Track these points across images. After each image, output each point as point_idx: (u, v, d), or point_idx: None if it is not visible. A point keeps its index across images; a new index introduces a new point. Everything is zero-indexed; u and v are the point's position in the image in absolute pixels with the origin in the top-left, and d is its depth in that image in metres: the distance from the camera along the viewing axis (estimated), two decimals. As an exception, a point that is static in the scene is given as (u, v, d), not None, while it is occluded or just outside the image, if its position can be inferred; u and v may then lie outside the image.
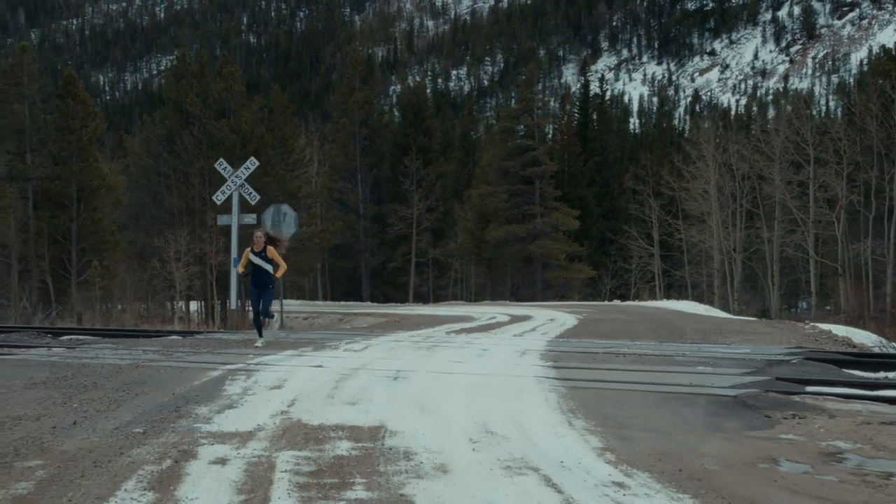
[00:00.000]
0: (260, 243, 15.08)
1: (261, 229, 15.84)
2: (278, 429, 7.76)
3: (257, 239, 15.11)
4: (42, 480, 5.92)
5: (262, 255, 15.06)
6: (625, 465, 6.47)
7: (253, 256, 15.08)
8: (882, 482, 6.15)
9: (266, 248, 15.11)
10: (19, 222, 38.15)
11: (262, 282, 15.21)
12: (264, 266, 15.11)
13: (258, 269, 15.13)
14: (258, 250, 15.06)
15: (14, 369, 12.17)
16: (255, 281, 15.25)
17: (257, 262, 15.08)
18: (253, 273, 15.18)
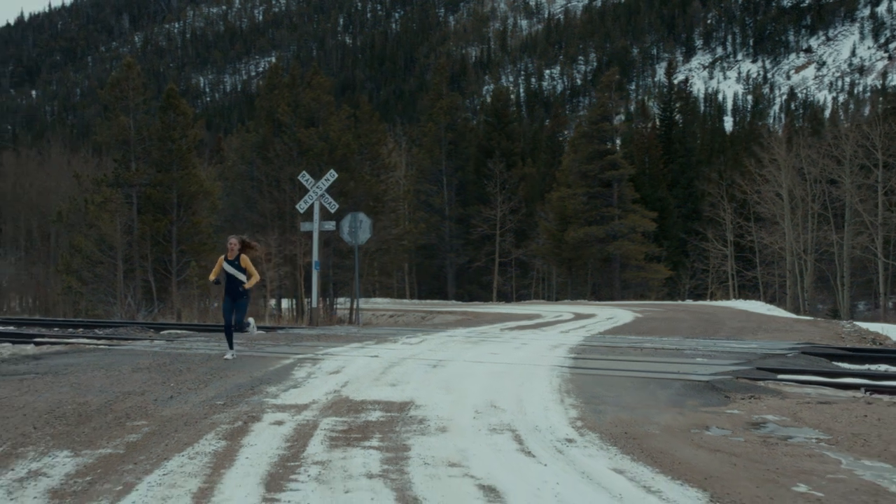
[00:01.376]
0: (234, 250, 14.10)
1: (235, 235, 14.48)
2: (328, 402, 9.90)
3: (231, 245, 14.17)
4: (146, 434, 8.11)
5: (235, 264, 14.06)
6: (585, 429, 8.43)
7: (226, 265, 14.08)
8: (777, 442, 7.99)
9: (239, 256, 14.10)
10: (124, 226, 41.04)
11: (235, 291, 14.15)
12: (237, 275, 14.06)
13: (231, 277, 14.11)
14: (231, 258, 14.09)
15: (123, 357, 14.63)
16: (228, 290, 14.26)
17: (230, 270, 14.07)
18: (226, 282, 14.22)
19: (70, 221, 45.59)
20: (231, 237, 14.33)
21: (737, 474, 6.65)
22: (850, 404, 10.15)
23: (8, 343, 18.41)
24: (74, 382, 11.32)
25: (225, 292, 14.32)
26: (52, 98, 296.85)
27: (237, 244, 14.19)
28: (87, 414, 9.04)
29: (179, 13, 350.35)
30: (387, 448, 7.46)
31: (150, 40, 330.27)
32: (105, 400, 9.93)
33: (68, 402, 9.67)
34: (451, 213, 67.94)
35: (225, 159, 55.17)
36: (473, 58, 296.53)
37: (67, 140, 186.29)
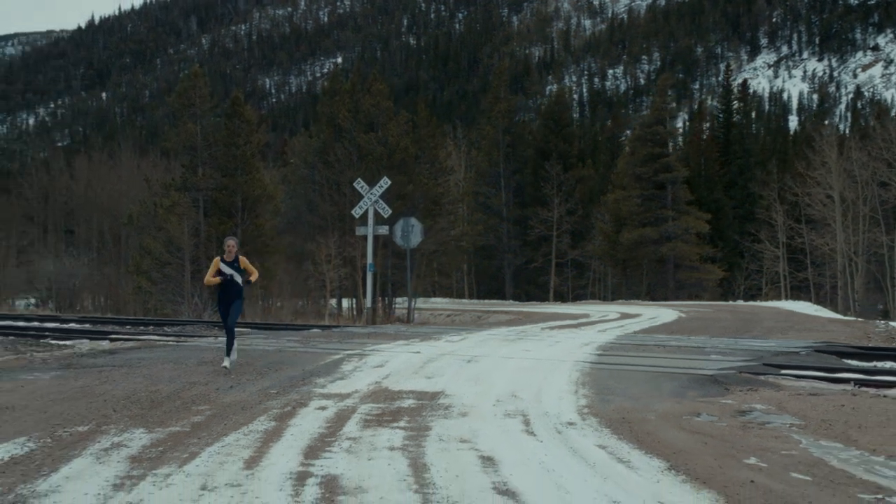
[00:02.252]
0: (232, 252, 13.69)
1: (233, 237, 14.10)
2: (368, 392, 11.23)
3: (229, 247, 13.74)
4: (209, 416, 9.48)
5: (235, 265, 13.67)
6: (588, 415, 9.66)
7: (223, 266, 13.64)
8: (754, 426, 9.13)
9: (238, 258, 13.76)
10: (192, 228, 42.87)
11: (231, 293, 13.73)
12: (235, 276, 13.68)
13: (228, 278, 13.68)
14: (229, 259, 13.68)
15: (189, 352, 16.13)
16: (223, 293, 13.81)
17: (228, 271, 13.62)
18: (221, 284, 13.71)
19: (140, 224, 47.49)
20: (228, 238, 13.97)
21: (703, 450, 7.84)
22: (837, 396, 11.25)
23: (86, 339, 20.05)
24: (146, 374, 12.78)
25: (220, 295, 13.83)
26: (122, 100, 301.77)
27: (235, 245, 13.82)
28: (158, 400, 10.45)
29: (246, 15, 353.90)
30: (411, 428, 8.75)
31: (217, 42, 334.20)
32: (174, 389, 11.36)
33: (142, 391, 11.09)
34: (508, 214, 69.20)
35: (288, 162, 56.79)
36: (536, 58, 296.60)
37: (137, 142, 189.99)
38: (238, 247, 13.96)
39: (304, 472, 6.74)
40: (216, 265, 13.68)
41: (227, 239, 13.97)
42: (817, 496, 6.23)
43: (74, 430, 8.45)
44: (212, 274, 13.71)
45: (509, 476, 6.67)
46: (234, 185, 43.35)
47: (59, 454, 7.38)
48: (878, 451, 7.89)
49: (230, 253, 13.69)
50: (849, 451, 7.94)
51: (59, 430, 8.50)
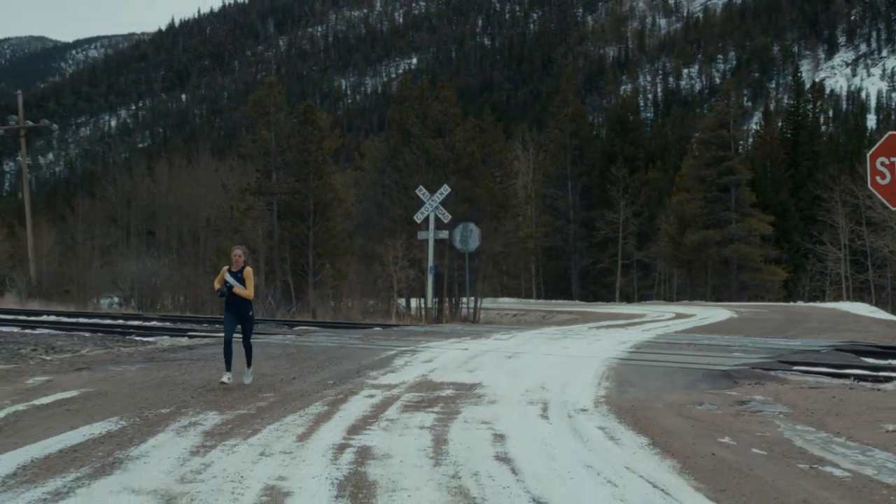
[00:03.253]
0: (239, 263, 12.91)
1: (240, 246, 13.55)
2: (414, 383, 12.72)
3: (236, 257, 12.99)
4: (272, 402, 11.03)
5: (238, 276, 12.87)
6: (601, 404, 11.03)
7: (229, 276, 12.88)
8: (745, 413, 10.41)
9: (244, 269, 12.93)
10: (266, 231, 44.80)
11: (239, 306, 12.96)
12: (236, 288, 12.87)
13: (229, 290, 12.89)
14: (236, 270, 12.90)
15: (259, 348, 17.69)
16: (230, 305, 13.02)
17: (232, 282, 12.84)
18: (229, 295, 12.93)
19: (217, 227, 49.53)
20: (236, 248, 13.32)
21: (688, 431, 9.19)
22: (833, 390, 12.45)
23: (167, 336, 21.86)
24: (220, 367, 14.38)
25: (226, 307, 13.13)
26: (201, 102, 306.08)
27: (242, 255, 13.08)
28: (229, 388, 12.04)
29: (322, 17, 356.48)
30: (443, 412, 10.20)
31: (294, 44, 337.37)
32: (243, 379, 12.98)
33: (215, 380, 12.66)
34: (575, 216, 70.40)
35: (361, 164, 58.51)
36: (611, 58, 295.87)
37: (215, 143, 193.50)
38: (246, 257, 13.23)
39: (344, 443, 8.24)
40: (222, 275, 13.01)
41: (235, 248, 13.33)
42: (761, 465, 7.55)
43: (158, 412, 10.04)
44: (218, 281, 13.09)
45: (511, 448, 8.10)
46: (307, 190, 45.12)
47: (146, 430, 8.96)
48: (841, 434, 9.12)
49: (237, 263, 12.92)
50: (817, 433, 9.16)
51: (146, 411, 10.10)
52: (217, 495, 6.26)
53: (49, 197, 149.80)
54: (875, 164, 10.13)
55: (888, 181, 10.11)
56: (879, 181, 10.15)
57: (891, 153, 10.11)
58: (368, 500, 6.16)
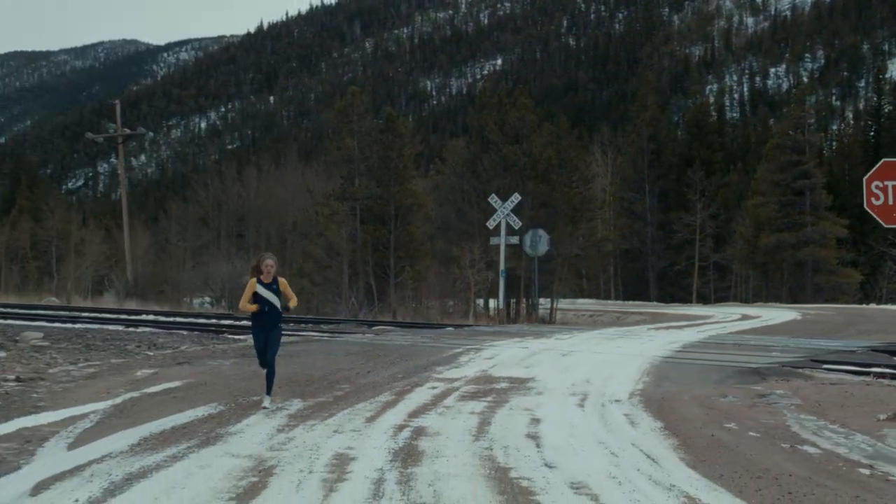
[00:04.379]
0: (270, 272, 11.84)
1: (271, 256, 12.18)
2: (474, 377, 14.35)
3: (267, 267, 11.82)
4: (347, 392, 12.75)
5: (273, 288, 11.84)
6: (635, 396, 12.54)
7: (261, 289, 11.77)
8: (760, 405, 11.82)
9: (277, 280, 11.89)
10: (349, 235, 46.90)
11: (269, 320, 11.89)
12: (273, 301, 11.91)
13: (266, 304, 11.83)
14: (268, 281, 11.83)
15: (340, 345, 19.58)
16: (263, 321, 11.90)
17: (266, 295, 11.78)
18: (261, 311, 11.83)
19: (303, 230, 51.81)
20: (266, 257, 12.05)
21: (701, 418, 10.66)
22: (851, 385, 13.75)
23: (256, 334, 23.82)
24: (304, 362, 16.16)
25: (256, 324, 11.95)
26: (289, 103, 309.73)
27: (275, 265, 11.94)
28: (311, 380, 13.78)
29: (408, 18, 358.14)
30: (493, 401, 11.82)
31: (380, 46, 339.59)
32: (324, 373, 14.68)
33: (300, 374, 14.43)
34: (652, 218, 71.47)
35: (442, 169, 60.30)
36: (697, 57, 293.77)
37: (302, 144, 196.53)
38: (278, 266, 12.07)
39: (404, 424, 9.91)
40: (252, 288, 11.80)
41: (266, 257, 12.04)
42: (749, 444, 9.02)
43: (250, 399, 11.81)
44: (247, 299, 11.85)
45: (542, 429, 9.69)
46: (388, 195, 47.12)
47: (241, 413, 10.74)
48: (836, 422, 10.50)
49: (268, 274, 11.79)
50: (816, 421, 10.53)
51: (239, 398, 11.90)
52: (297, 459, 7.96)
53: (141, 198, 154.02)
54: (870, 187, 11.52)
55: (881, 202, 11.49)
56: (874, 202, 11.53)
57: (885, 177, 11.50)
58: (415, 463, 7.81)
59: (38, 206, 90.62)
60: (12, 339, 20.59)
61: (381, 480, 7.11)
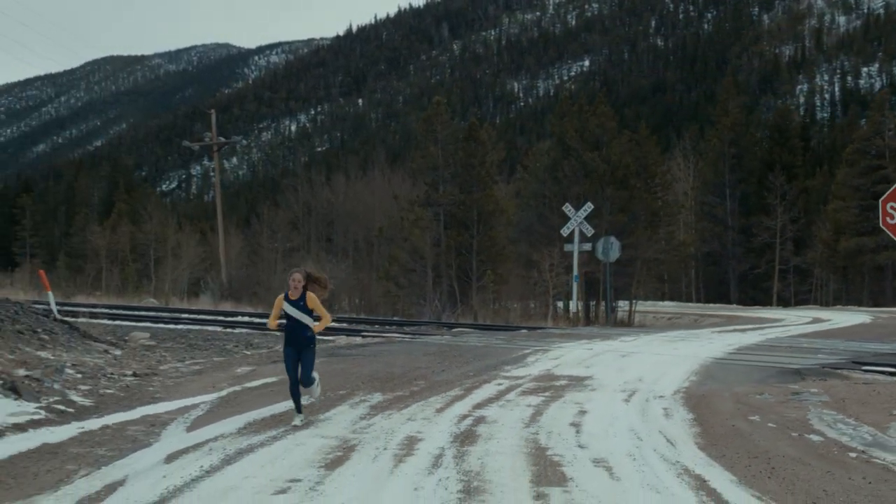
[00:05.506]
0: (298, 288, 11.21)
1: (300, 270, 11.61)
2: (537, 375, 15.94)
3: (294, 282, 11.25)
4: (422, 387, 14.42)
5: (301, 305, 11.21)
6: (678, 393, 13.99)
7: (287, 306, 11.25)
8: (791, 402, 13.16)
9: (305, 295, 11.20)
10: (433, 239, 48.79)
11: (299, 339, 11.30)
12: (302, 319, 11.24)
13: (294, 322, 11.28)
14: (295, 297, 11.21)
15: (419, 346, 21.32)
16: (290, 338, 11.36)
17: (293, 313, 11.23)
18: (288, 328, 11.35)
19: (388, 235, 53.80)
20: (294, 271, 11.55)
21: (729, 412, 12.11)
22: (881, 385, 14.98)
23: (343, 335, 25.70)
24: (385, 361, 17.87)
25: (286, 341, 11.44)
26: (377, 106, 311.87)
27: (302, 280, 11.28)
28: (391, 377, 15.47)
29: (495, 20, 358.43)
30: (550, 396, 13.40)
31: (468, 48, 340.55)
32: (403, 370, 16.38)
33: (381, 371, 16.14)
34: (733, 222, 72.22)
35: (524, 175, 61.80)
36: (787, 57, 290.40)
37: (390, 146, 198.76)
38: (306, 280, 11.37)
39: (468, 414, 11.55)
40: (279, 305, 11.34)
41: (292, 272, 11.56)
42: (762, 433, 10.48)
43: (337, 393, 13.55)
44: (274, 317, 11.57)
45: (585, 419, 11.26)
46: (471, 201, 48.88)
47: (329, 404, 12.47)
48: (853, 416, 11.83)
49: (296, 289, 11.22)
50: (835, 415, 11.87)
51: (328, 392, 13.60)
52: (375, 440, 9.66)
53: (233, 199, 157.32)
54: (886, 207, 12.95)
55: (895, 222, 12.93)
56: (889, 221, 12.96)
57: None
58: (471, 443, 9.45)
59: (135, 209, 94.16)
60: (123, 339, 22.66)
61: (441, 455, 8.78)
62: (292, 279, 11.29)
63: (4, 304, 18.92)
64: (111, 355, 17.92)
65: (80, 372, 14.82)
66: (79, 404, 12.28)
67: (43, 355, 15.81)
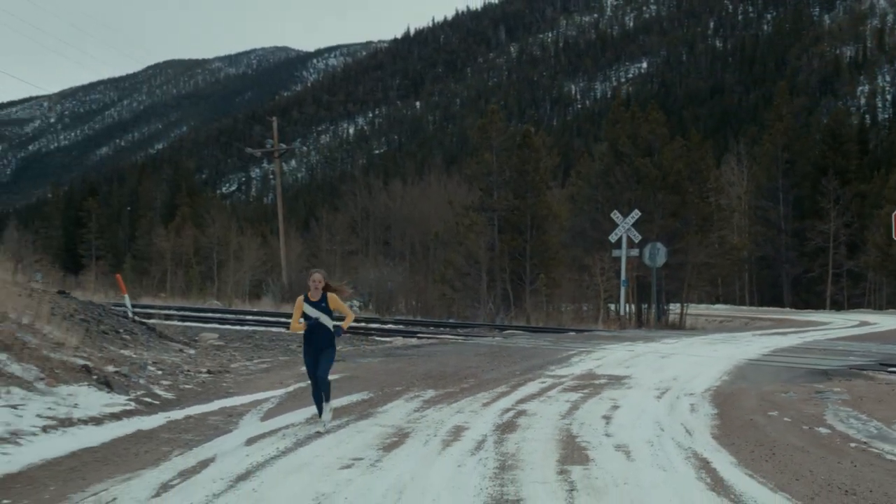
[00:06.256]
0: (318, 289, 11.35)
1: (319, 270, 11.75)
2: (579, 374, 17.17)
3: (314, 283, 11.36)
4: (472, 384, 15.68)
5: (322, 306, 11.31)
6: (707, 391, 15.07)
7: (307, 307, 11.32)
8: (812, 400, 14.24)
9: (326, 296, 11.35)
10: (488, 244, 50.08)
11: (319, 340, 11.43)
12: (322, 320, 11.32)
13: (314, 323, 11.32)
14: (315, 298, 11.34)
15: (470, 347, 22.62)
16: (309, 339, 11.48)
17: (312, 313, 11.29)
18: (310, 329, 11.37)
19: (444, 239, 55.24)
20: (314, 272, 11.64)
21: (752, 408, 13.21)
22: (902, 385, 16.19)
23: (399, 337, 27.13)
24: (439, 361, 19.17)
25: (305, 342, 11.55)
26: (435, 108, 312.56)
27: (322, 280, 11.42)
28: (443, 375, 16.76)
29: (553, 23, 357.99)
30: (588, 393, 14.60)
31: (525, 50, 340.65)
32: (454, 369, 17.67)
33: (434, 370, 17.44)
34: (786, 226, 72.77)
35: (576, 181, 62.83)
36: (848, 57, 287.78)
37: (447, 149, 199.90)
38: (326, 281, 11.56)
39: (511, 408, 12.82)
40: (299, 307, 11.39)
41: (312, 272, 11.65)
42: (776, 426, 11.60)
43: (393, 389, 14.86)
44: (296, 319, 11.45)
45: (617, 412, 12.47)
46: (525, 207, 50.10)
47: (386, 399, 13.79)
48: (866, 412, 12.87)
49: (315, 290, 11.33)
50: (850, 412, 12.93)
51: (385, 388, 14.96)
52: (426, 428, 10.95)
53: (292, 202, 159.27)
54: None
55: (906, 234, 13.99)
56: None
57: (909, 213, 14.02)
58: (510, 432, 10.72)
59: (199, 213, 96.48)
60: (194, 339, 24.20)
61: (483, 441, 10.07)
62: (312, 280, 11.40)
63: (89, 307, 20.53)
64: (186, 354, 19.42)
65: (160, 369, 16.31)
66: (163, 397, 13.72)
67: (126, 353, 17.32)
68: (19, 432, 10.05)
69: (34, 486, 7.98)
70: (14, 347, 13.43)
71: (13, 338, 13.91)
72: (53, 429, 10.52)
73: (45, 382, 12.57)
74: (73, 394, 12.39)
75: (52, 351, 14.44)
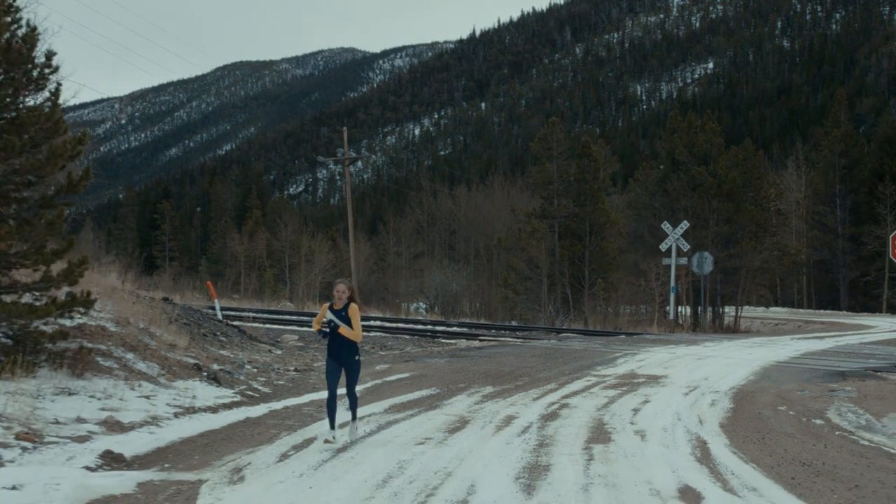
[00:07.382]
0: (342, 298, 11.54)
1: (344, 281, 11.87)
2: (621, 374, 19.37)
3: (338, 293, 11.55)
4: (525, 381, 17.95)
5: (343, 314, 11.49)
6: (733, 389, 17.21)
7: (331, 314, 11.54)
8: (821, 397, 16.32)
9: (348, 306, 11.54)
10: (548, 250, 52.35)
11: (342, 350, 11.57)
12: (340, 328, 11.48)
13: (337, 333, 11.50)
14: (339, 307, 11.54)
15: (527, 349, 24.92)
16: (333, 348, 11.63)
17: (337, 321, 11.50)
18: (331, 337, 11.55)
19: (507, 245, 57.49)
20: (339, 282, 11.80)
21: (765, 403, 15.33)
22: (908, 385, 18.18)
23: (463, 339, 29.55)
24: (497, 361, 21.47)
25: (328, 352, 11.73)
26: (500, 109, 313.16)
27: (346, 290, 11.62)
28: (501, 374, 19.07)
29: (618, 23, 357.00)
30: (625, 390, 16.80)
31: (590, 51, 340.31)
32: (511, 369, 19.96)
33: (493, 369, 19.75)
34: (843, 231, 74.01)
35: (634, 188, 64.71)
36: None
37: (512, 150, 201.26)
38: (351, 292, 11.79)
39: (556, 401, 15.09)
40: (324, 312, 11.61)
41: (337, 282, 11.84)
42: (780, 419, 13.69)
43: (456, 386, 17.21)
44: (318, 321, 11.75)
45: (645, 406, 14.67)
46: (584, 214, 52.28)
47: (450, 394, 16.14)
48: (865, 408, 14.80)
49: (339, 300, 11.55)
50: (850, 407, 14.89)
51: (450, 385, 17.31)
52: (483, 417, 13.29)
53: (358, 202, 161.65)
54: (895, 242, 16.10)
55: (902, 254, 16.08)
56: None
57: (904, 235, 16.12)
58: (552, 420, 13.04)
59: (270, 217, 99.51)
60: (276, 340, 26.77)
61: (529, 427, 12.40)
62: (336, 290, 11.59)
63: (190, 312, 23.16)
64: (274, 354, 21.98)
65: (255, 367, 18.88)
66: (261, 391, 16.25)
67: (224, 353, 19.92)
68: (158, 417, 12.70)
69: (182, 455, 10.52)
70: (138, 348, 16.10)
71: (137, 340, 16.57)
72: (182, 415, 13.15)
73: (165, 378, 15.24)
74: (190, 388, 15.05)
75: (168, 351, 17.10)
